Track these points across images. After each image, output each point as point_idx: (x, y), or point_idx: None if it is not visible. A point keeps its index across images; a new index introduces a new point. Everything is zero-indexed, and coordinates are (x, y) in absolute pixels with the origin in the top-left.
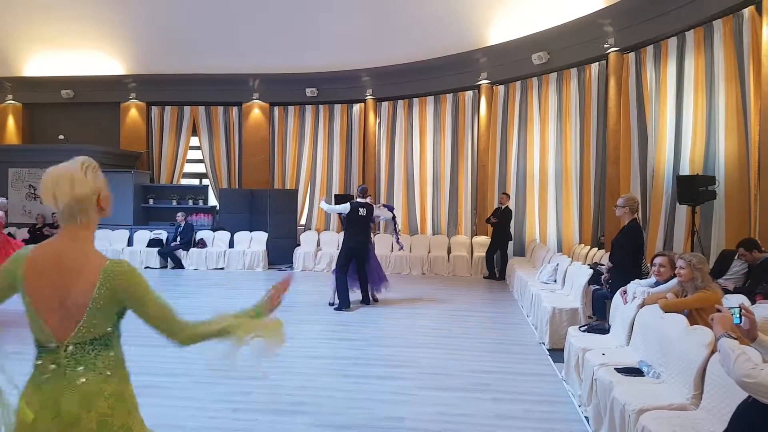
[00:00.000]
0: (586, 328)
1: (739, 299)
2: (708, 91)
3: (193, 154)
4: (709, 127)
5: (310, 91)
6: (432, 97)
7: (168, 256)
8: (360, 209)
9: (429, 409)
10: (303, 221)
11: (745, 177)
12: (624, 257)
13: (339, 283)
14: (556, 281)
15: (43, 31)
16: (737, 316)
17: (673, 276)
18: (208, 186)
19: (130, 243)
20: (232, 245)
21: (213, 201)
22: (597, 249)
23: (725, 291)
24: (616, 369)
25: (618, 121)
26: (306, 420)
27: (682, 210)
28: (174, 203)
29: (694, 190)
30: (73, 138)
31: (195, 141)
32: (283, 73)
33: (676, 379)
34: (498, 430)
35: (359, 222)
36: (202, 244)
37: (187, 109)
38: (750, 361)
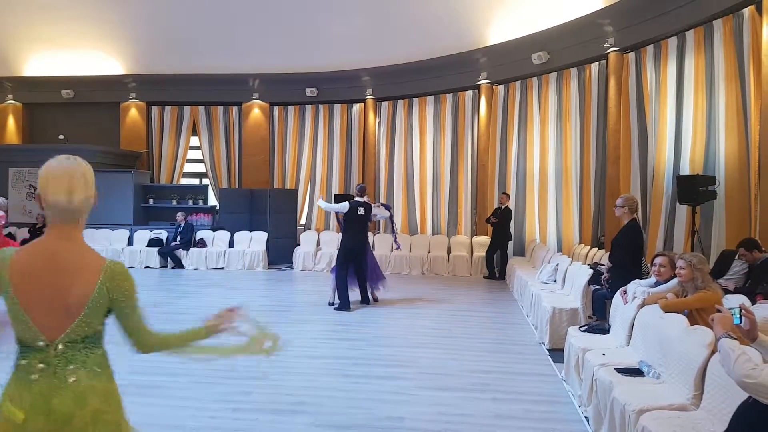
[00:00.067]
0: (586, 328)
1: (739, 299)
2: (708, 90)
3: (193, 154)
4: (710, 127)
5: (310, 91)
6: (432, 97)
7: (168, 255)
8: (359, 208)
9: (429, 409)
10: (303, 221)
11: (746, 177)
12: (623, 257)
13: (339, 283)
14: (556, 281)
15: (43, 31)
16: (737, 316)
17: (674, 276)
18: (208, 186)
19: (130, 243)
20: (232, 245)
21: (213, 201)
22: (597, 249)
23: (725, 291)
24: (616, 369)
25: (618, 120)
26: (306, 420)
27: (683, 210)
28: (174, 203)
29: (695, 190)
30: (73, 138)
31: (195, 141)
32: (283, 73)
33: (676, 379)
34: (498, 430)
35: (358, 221)
36: (202, 243)
37: (187, 109)
38: (750, 361)
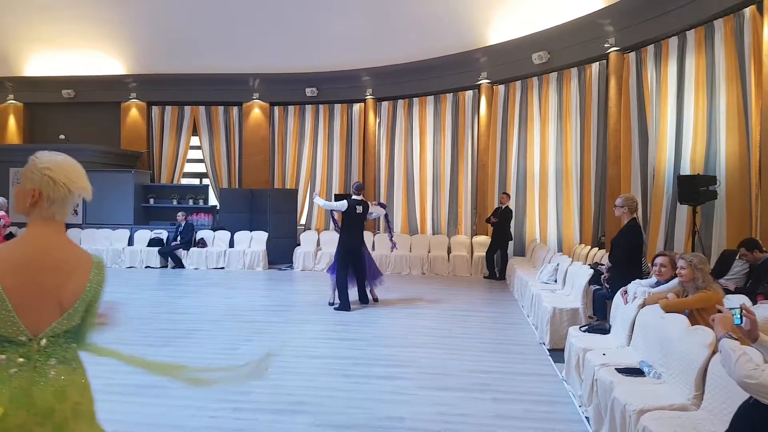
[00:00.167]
0: (586, 328)
1: (740, 299)
2: (709, 90)
3: (193, 154)
4: (710, 127)
5: (310, 91)
6: (432, 97)
7: (168, 255)
8: (357, 207)
9: (429, 409)
10: (303, 221)
11: (746, 177)
12: (622, 257)
13: (340, 284)
14: (556, 281)
15: (43, 31)
16: (738, 316)
17: (674, 276)
18: (209, 186)
19: (131, 242)
20: (232, 245)
21: (213, 200)
22: (597, 249)
23: (726, 291)
24: (616, 369)
25: (618, 120)
26: (306, 420)
27: (683, 210)
28: (174, 203)
29: (695, 189)
30: (73, 138)
31: (195, 141)
32: (283, 73)
33: (677, 379)
34: (498, 430)
35: (356, 219)
36: (203, 243)
37: (187, 109)
38: (751, 361)
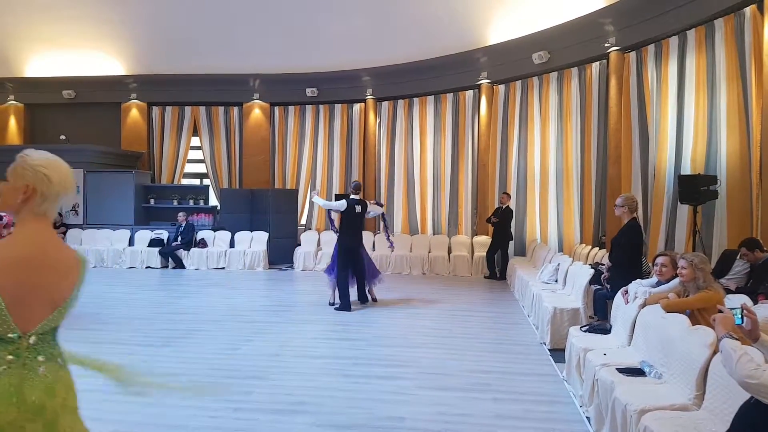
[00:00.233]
0: (587, 328)
1: (741, 299)
2: (709, 90)
3: (193, 154)
4: (711, 127)
5: (310, 91)
6: (432, 97)
7: (169, 255)
8: (356, 206)
9: (429, 409)
10: (303, 221)
11: (747, 176)
12: (623, 256)
13: (340, 285)
14: (557, 281)
15: (43, 31)
16: (739, 316)
17: (675, 276)
18: (209, 186)
19: (131, 243)
20: (232, 245)
21: (214, 201)
22: (598, 249)
23: (727, 291)
24: (617, 369)
25: (619, 120)
26: (306, 419)
27: (684, 210)
28: (175, 203)
29: (696, 189)
30: (74, 138)
31: (196, 141)
32: (284, 73)
33: (677, 379)
34: (498, 430)
35: (355, 219)
36: (203, 243)
37: (187, 110)
38: (752, 361)
